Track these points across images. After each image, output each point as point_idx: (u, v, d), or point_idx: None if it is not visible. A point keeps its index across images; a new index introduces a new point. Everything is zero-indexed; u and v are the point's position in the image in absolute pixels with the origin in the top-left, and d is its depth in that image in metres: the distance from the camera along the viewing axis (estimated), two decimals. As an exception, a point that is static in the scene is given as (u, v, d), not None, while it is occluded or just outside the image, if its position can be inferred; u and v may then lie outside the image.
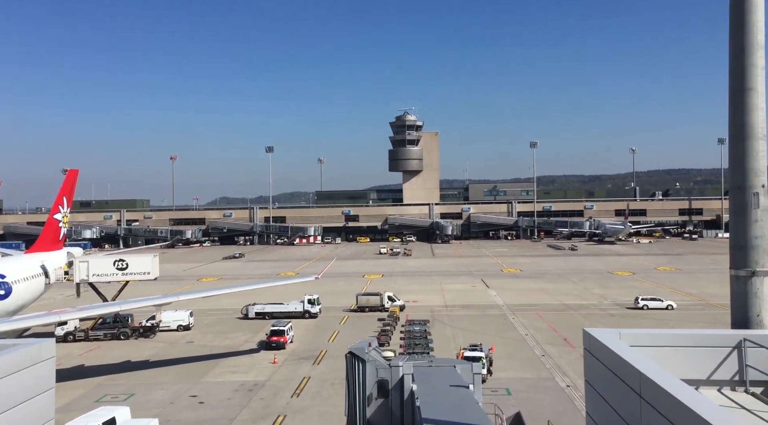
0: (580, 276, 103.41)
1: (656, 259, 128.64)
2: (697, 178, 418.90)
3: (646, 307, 73.81)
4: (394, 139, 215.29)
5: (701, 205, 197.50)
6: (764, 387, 12.77)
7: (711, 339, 13.63)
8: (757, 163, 15.15)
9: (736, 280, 15.37)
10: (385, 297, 76.64)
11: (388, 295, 77.13)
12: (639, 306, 74.15)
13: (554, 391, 43.95)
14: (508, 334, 62.20)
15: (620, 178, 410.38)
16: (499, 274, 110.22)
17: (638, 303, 74.84)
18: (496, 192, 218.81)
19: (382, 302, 75.93)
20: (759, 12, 14.62)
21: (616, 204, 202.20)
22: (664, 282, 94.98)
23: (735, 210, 15.48)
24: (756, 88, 15.03)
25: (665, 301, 74.55)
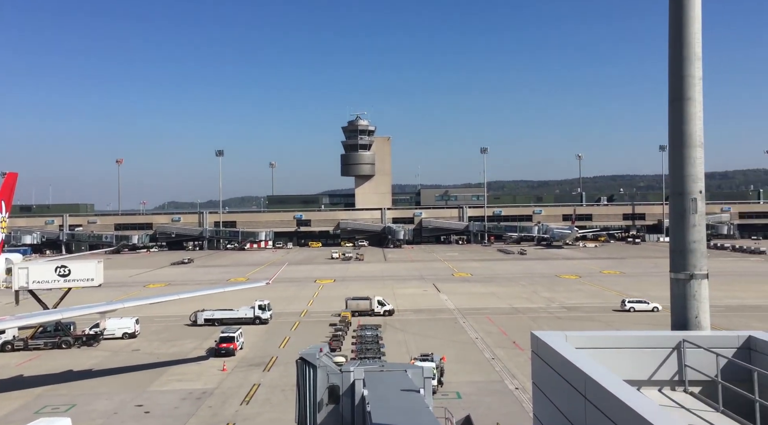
0: (529, 280, 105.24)
1: (601, 263, 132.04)
2: (640, 183, 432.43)
3: (632, 309, 74.96)
4: (347, 144, 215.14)
5: (644, 210, 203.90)
6: (702, 386, 13.19)
7: (652, 340, 14.00)
8: (695, 170, 15.66)
9: (675, 283, 15.85)
10: (375, 301, 76.11)
11: (377, 299, 76.55)
12: (626, 309, 75.27)
13: (503, 394, 44.54)
14: (458, 338, 62.75)
15: (567, 183, 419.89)
16: (450, 279, 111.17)
17: (625, 305, 76.12)
18: (447, 197, 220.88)
19: (371, 306, 75.42)
20: (696, 24, 15.18)
21: (564, 209, 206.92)
22: (609, 286, 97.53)
23: (674, 215, 15.97)
24: (694, 98, 15.55)
25: (651, 304, 75.60)
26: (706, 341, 13.60)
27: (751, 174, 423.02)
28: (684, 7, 15.12)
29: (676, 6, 15.31)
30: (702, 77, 15.68)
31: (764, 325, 61.30)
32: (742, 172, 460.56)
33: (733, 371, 12.87)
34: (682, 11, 15.17)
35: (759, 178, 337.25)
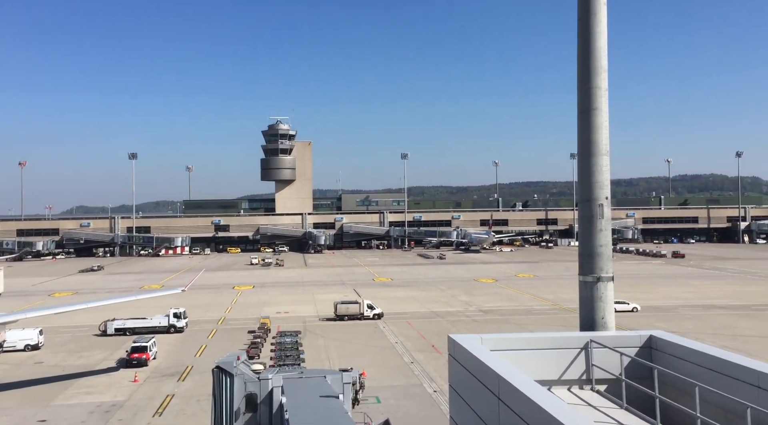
0: (447, 284, 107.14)
1: (517, 267, 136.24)
2: (553, 190, 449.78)
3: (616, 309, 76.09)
4: (267, 148, 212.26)
5: (556, 215, 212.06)
6: (608, 384, 13.79)
7: (562, 341, 14.51)
8: (602, 177, 16.37)
9: (584, 286, 16.50)
10: (365, 304, 75.17)
11: (367, 303, 75.67)
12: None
13: (422, 397, 45.06)
14: (378, 343, 63.01)
15: (485, 189, 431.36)
16: (371, 283, 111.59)
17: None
18: (368, 202, 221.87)
19: (361, 310, 74.59)
20: (603, 39, 15.93)
21: (481, 214, 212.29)
22: (524, 289, 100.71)
23: (583, 220, 16.64)
24: (600, 108, 16.28)
25: (630, 304, 77.67)
26: (611, 341, 14.23)
27: (653, 181, 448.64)
28: (590, 22, 15.84)
29: (583, 21, 16.01)
30: (608, 88, 16.49)
31: (665, 325, 65.06)
32: (645, 180, 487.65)
33: (636, 369, 13.52)
34: (588, 26, 15.88)
35: (660, 185, 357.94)
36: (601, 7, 15.70)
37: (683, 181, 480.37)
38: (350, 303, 76.40)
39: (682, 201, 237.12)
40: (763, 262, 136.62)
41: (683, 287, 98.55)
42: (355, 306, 75.52)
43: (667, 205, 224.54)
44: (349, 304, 76.06)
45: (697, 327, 67.27)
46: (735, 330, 65.91)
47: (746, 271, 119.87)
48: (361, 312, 74.76)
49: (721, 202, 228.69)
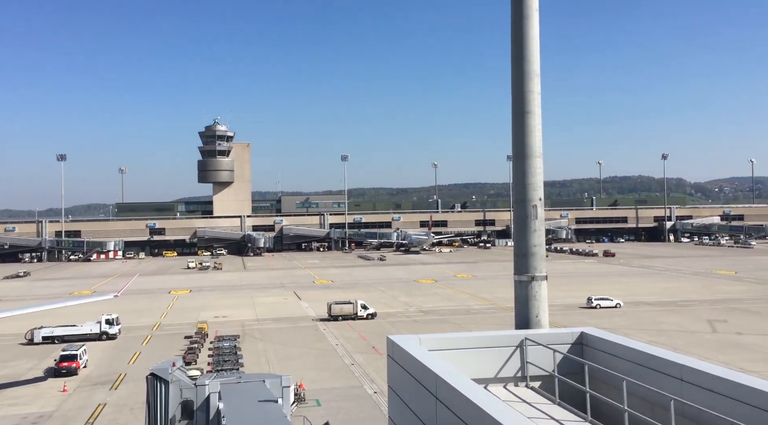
0: (388, 285, 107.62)
1: (456, 267, 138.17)
2: (491, 191, 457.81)
3: (598, 306, 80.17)
4: (204, 150, 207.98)
5: (494, 216, 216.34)
6: (542, 381, 14.15)
7: (498, 339, 14.80)
8: (535, 179, 16.77)
9: (519, 285, 16.86)
10: (358, 305, 75.25)
11: (360, 303, 75.71)
12: (592, 306, 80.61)
13: (362, 399, 45.09)
14: (319, 345, 62.69)
15: (424, 190, 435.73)
16: (311, 286, 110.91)
17: (591, 302, 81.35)
18: (308, 204, 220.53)
19: (355, 310, 74.65)
20: (535, 43, 16.34)
21: (421, 215, 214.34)
22: (463, 289, 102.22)
23: (517, 221, 17.01)
24: (534, 112, 16.69)
25: (614, 300, 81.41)
26: (545, 338, 14.60)
27: (586, 183, 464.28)
28: (523, 27, 16.22)
29: (516, 26, 16.38)
30: (540, 92, 16.93)
31: (596, 322, 67.26)
32: (578, 181, 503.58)
33: (568, 365, 13.92)
34: (522, 31, 16.25)
35: (592, 186, 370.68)
36: (533, 12, 16.10)
37: (614, 182, 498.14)
38: (344, 304, 76.53)
39: (612, 202, 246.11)
40: (688, 260, 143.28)
41: (614, 285, 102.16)
42: (349, 306, 75.71)
43: (599, 205, 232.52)
44: (343, 305, 76.29)
45: (627, 323, 69.87)
46: (662, 325, 68.81)
47: (672, 269, 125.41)
48: (355, 312, 74.92)
49: (649, 203, 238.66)
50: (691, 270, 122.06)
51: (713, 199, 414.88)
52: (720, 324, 68.01)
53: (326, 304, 77.66)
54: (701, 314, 74.30)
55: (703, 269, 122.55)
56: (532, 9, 16.05)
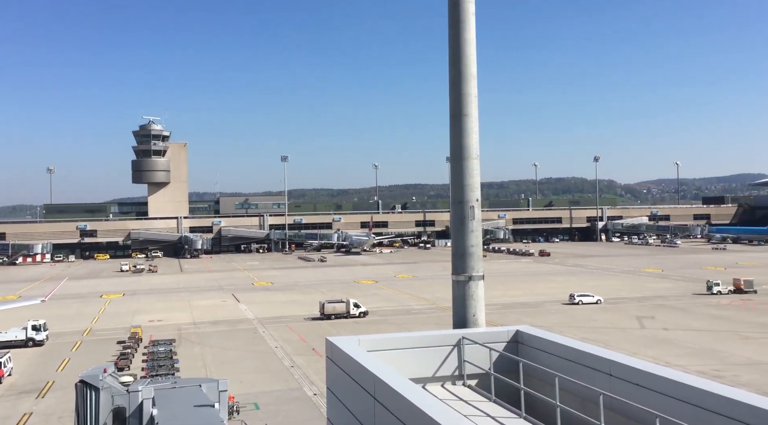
0: (328, 286, 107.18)
1: (396, 268, 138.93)
2: (431, 192, 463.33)
3: (581, 302, 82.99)
4: (139, 149, 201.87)
5: (434, 217, 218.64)
6: (479, 379, 14.37)
7: (436, 339, 14.94)
8: (473, 180, 17.00)
9: (456, 285, 17.07)
10: (351, 303, 76.21)
11: (353, 302, 76.66)
12: (575, 302, 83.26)
13: (302, 401, 44.74)
14: (257, 348, 61.83)
15: (365, 191, 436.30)
16: (250, 288, 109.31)
17: (574, 299, 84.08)
18: (248, 205, 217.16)
19: (348, 309, 75.50)
20: (472, 47, 16.58)
21: (362, 216, 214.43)
22: (403, 289, 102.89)
23: (455, 221, 17.21)
24: (470, 114, 16.92)
25: (595, 297, 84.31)
26: (481, 337, 14.83)
27: (522, 184, 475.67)
28: (461, 31, 16.43)
29: (453, 30, 16.58)
30: (477, 95, 17.19)
31: (531, 320, 68.95)
32: (515, 182, 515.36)
33: (504, 363, 14.18)
34: (459, 35, 16.47)
35: (528, 187, 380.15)
36: (470, 16, 16.33)
37: (549, 183, 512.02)
38: (336, 303, 77.22)
39: (547, 202, 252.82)
40: (618, 258, 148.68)
41: (549, 283, 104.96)
42: (341, 305, 76.21)
43: (535, 206, 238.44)
44: (336, 304, 76.96)
45: (561, 320, 71.89)
46: (594, 322, 71.13)
47: (603, 267, 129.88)
48: (348, 311, 75.72)
49: (582, 204, 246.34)
50: (621, 268, 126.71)
51: (642, 200, 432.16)
52: (648, 321, 70.83)
53: (318, 303, 78.23)
54: (630, 311, 77.19)
55: (632, 268, 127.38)
56: (469, 13, 16.28)
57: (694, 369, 47.93)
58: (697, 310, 76.53)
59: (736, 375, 47.74)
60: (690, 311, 76.19)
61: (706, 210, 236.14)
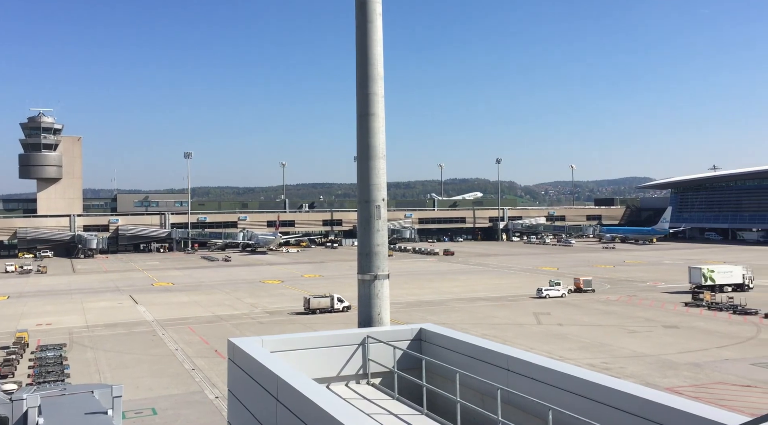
0: (232, 287, 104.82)
1: (303, 267, 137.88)
2: (338, 191, 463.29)
3: (548, 296, 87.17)
4: (27, 143, 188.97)
5: (341, 216, 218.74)
6: (382, 377, 14.49)
7: (342, 338, 14.93)
8: (379, 180, 17.14)
9: (362, 284, 17.14)
10: (335, 298, 78.90)
11: (337, 297, 79.19)
12: (543, 296, 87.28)
13: (203, 404, 43.45)
14: (156, 351, 59.47)
15: (272, 190, 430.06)
16: (149, 289, 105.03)
17: (542, 293, 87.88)
18: (148, 203, 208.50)
19: (332, 303, 78.27)
20: (379, 47, 16.70)
21: (268, 215, 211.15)
22: (310, 289, 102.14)
23: (362, 221, 17.28)
24: (377, 114, 17.05)
25: (561, 290, 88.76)
26: (386, 335, 14.96)
27: (428, 184, 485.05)
28: (367, 31, 16.51)
29: (360, 30, 16.64)
30: (384, 95, 17.34)
31: (436, 318, 70.47)
32: (421, 183, 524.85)
33: (407, 361, 14.37)
34: (366, 35, 16.54)
35: (434, 188, 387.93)
36: (377, 17, 16.44)
37: (454, 184, 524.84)
38: (321, 298, 79.63)
39: (452, 203, 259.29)
40: (518, 257, 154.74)
41: (453, 282, 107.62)
42: (326, 299, 78.87)
43: (440, 206, 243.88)
44: (321, 298, 79.31)
45: (464, 318, 73.89)
46: (494, 319, 73.61)
47: (504, 266, 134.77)
48: (332, 306, 78.28)
49: (485, 204, 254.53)
50: (520, 266, 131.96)
51: (540, 201, 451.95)
52: (544, 317, 74.11)
53: (303, 298, 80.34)
54: (528, 308, 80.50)
55: (530, 266, 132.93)
56: (376, 14, 16.39)
57: (585, 362, 50.60)
58: (589, 306, 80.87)
59: (622, 367, 50.82)
60: (582, 307, 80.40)
61: (597, 211, 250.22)
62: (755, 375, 47.99)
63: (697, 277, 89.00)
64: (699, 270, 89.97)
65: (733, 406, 38.25)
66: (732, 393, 43.41)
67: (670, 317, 72.36)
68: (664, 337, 61.82)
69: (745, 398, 41.94)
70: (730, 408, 37.26)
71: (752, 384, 45.74)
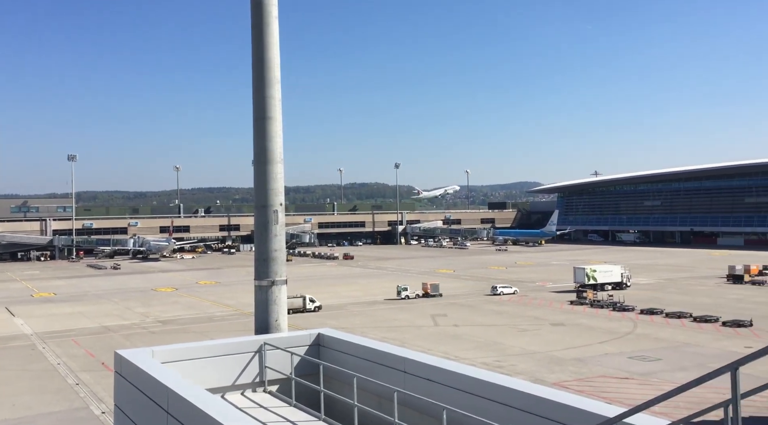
0: (122, 296, 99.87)
1: (199, 274, 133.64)
2: (236, 196, 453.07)
3: (502, 293, 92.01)
4: None
5: (239, 221, 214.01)
6: (280, 384, 14.32)
7: (237, 346, 14.62)
8: (277, 184, 16.95)
9: (259, 290, 16.87)
10: (307, 299, 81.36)
11: (308, 298, 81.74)
12: (497, 293, 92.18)
13: (87, 421, 41.03)
14: (35, 366, 55.52)
15: (166, 194, 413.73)
16: (28, 300, 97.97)
17: (496, 290, 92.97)
18: (27, 208, 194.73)
19: (304, 304, 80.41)
20: (275, 50, 16.54)
21: (161, 221, 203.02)
22: (205, 296, 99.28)
23: (259, 226, 17.01)
24: (275, 117, 16.86)
25: (513, 288, 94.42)
26: (283, 342, 14.81)
27: (328, 188, 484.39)
28: (264, 34, 16.31)
29: (256, 33, 16.40)
30: (281, 99, 17.16)
31: (336, 322, 70.46)
32: (321, 187, 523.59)
33: (305, 367, 14.29)
34: (262, 38, 16.33)
35: (334, 192, 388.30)
36: (273, 19, 16.27)
37: (353, 188, 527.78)
38: (294, 298, 79.19)
39: (352, 207, 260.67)
40: (416, 260, 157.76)
41: (352, 286, 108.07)
42: (299, 300, 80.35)
43: (340, 210, 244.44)
44: (294, 299, 78.59)
45: (363, 321, 74.39)
46: (393, 322, 74.61)
47: (403, 269, 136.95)
48: (304, 306, 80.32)
49: (384, 208, 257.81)
50: (419, 269, 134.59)
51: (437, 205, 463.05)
52: (441, 318, 76.01)
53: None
54: (426, 310, 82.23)
55: (428, 268, 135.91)
56: (272, 17, 16.23)
57: (480, 361, 52.39)
58: (482, 307, 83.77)
59: (513, 364, 53.02)
60: (477, 308, 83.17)
61: (491, 214, 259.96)
62: (632, 367, 51.57)
63: (581, 277, 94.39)
64: (583, 270, 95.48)
65: (613, 398, 40.94)
66: (612, 386, 46.42)
67: (557, 315, 76.33)
68: (552, 335, 65.12)
69: (624, 389, 44.96)
70: (611, 399, 39.88)
71: (629, 376, 49.10)
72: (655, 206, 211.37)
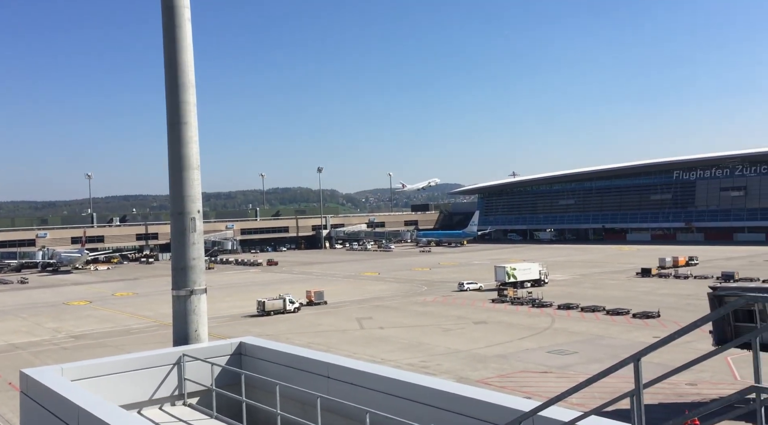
0: (31, 311, 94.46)
1: (114, 285, 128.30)
2: (153, 203, 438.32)
3: (468, 289, 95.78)
4: None
5: (157, 230, 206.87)
6: (200, 396, 13.93)
7: (154, 359, 14.13)
8: (193, 191, 16.52)
9: (177, 300, 16.36)
10: (287, 300, 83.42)
11: (288, 299, 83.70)
12: (464, 289, 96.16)
13: (-3, 446, 38.62)
14: (-65, 391, 51.65)
15: (77, 204, 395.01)
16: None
17: (463, 286, 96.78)
18: None
19: (284, 305, 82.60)
20: (189, 53, 16.10)
21: (73, 231, 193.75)
22: (122, 308, 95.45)
23: (176, 234, 16.52)
24: (189, 122, 16.43)
25: (478, 283, 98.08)
26: (203, 352, 14.43)
27: (250, 194, 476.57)
28: (176, 37, 15.86)
29: (168, 36, 15.93)
30: (196, 103, 16.75)
31: (260, 330, 69.34)
32: (243, 193, 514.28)
33: (226, 377, 13.97)
34: (174, 41, 15.88)
35: (256, 197, 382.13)
36: (186, 22, 15.87)
37: (276, 193, 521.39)
38: (275, 300, 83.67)
39: (275, 212, 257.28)
40: (341, 264, 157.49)
41: (276, 292, 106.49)
42: (279, 301, 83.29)
43: (263, 216, 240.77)
44: (275, 301, 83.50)
45: (289, 327, 73.54)
46: (319, 327, 74.19)
47: (328, 273, 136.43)
48: (285, 307, 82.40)
49: (308, 213, 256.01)
50: (344, 273, 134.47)
51: (361, 209, 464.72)
52: (366, 321, 76.21)
53: (256, 301, 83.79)
54: (351, 313, 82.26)
55: (353, 272, 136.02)
56: (185, 19, 15.82)
57: (405, 362, 52.87)
58: (407, 308, 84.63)
59: (438, 364, 53.85)
60: (402, 309, 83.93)
61: (414, 216, 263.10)
62: (551, 361, 53.46)
63: (502, 275, 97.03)
64: (503, 269, 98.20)
65: (533, 392, 42.31)
66: (532, 380, 47.96)
67: (479, 314, 78.11)
68: (475, 333, 66.58)
69: (543, 383, 46.53)
70: (531, 393, 41.21)
71: (548, 370, 50.88)
72: (570, 205, 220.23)
